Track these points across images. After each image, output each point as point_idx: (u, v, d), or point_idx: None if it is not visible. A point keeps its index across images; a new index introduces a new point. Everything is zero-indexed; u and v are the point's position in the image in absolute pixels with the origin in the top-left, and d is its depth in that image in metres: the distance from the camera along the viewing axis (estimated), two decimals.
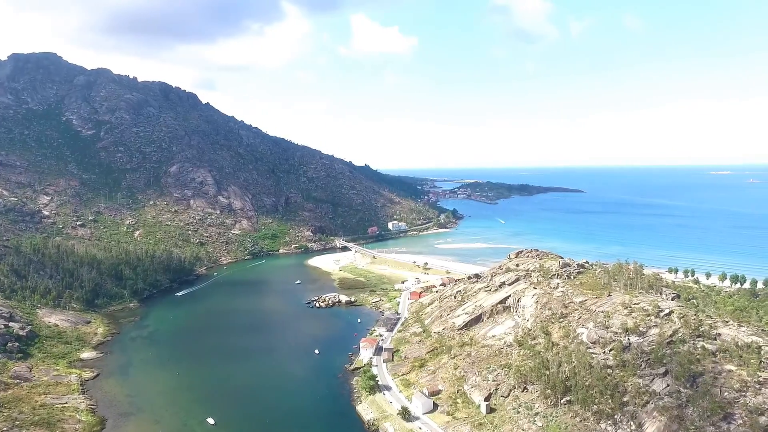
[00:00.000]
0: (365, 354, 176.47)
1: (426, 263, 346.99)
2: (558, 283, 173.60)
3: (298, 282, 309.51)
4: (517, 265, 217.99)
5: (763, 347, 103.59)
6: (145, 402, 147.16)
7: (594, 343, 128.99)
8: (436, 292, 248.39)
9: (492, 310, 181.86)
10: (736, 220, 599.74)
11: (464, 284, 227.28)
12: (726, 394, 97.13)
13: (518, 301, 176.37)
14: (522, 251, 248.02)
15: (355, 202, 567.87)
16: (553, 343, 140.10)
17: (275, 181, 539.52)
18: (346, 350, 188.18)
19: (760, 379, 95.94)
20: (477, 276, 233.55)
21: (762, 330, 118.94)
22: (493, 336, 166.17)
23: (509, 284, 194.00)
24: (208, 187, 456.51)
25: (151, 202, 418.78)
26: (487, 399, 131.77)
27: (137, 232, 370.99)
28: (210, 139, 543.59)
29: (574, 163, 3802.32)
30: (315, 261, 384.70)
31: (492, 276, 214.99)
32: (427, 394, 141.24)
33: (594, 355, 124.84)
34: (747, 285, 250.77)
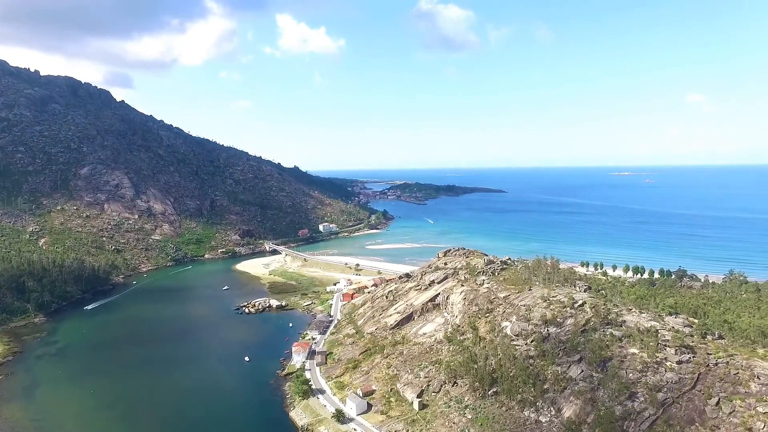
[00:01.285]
0: (298, 358, 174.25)
1: (358, 264, 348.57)
2: (484, 280, 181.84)
3: (225, 288, 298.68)
4: (446, 264, 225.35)
5: (660, 331, 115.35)
6: (55, 426, 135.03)
7: (517, 335, 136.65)
8: (368, 293, 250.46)
9: (423, 309, 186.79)
10: (635, 216, 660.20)
11: (395, 284, 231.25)
12: (630, 375, 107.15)
13: (447, 298, 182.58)
14: (450, 250, 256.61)
15: (285, 204, 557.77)
16: (480, 337, 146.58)
17: (199, 183, 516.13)
18: (277, 356, 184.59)
19: (658, 359, 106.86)
20: (408, 275, 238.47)
21: (659, 315, 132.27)
22: (424, 334, 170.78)
23: (438, 282, 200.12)
24: (124, 190, 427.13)
25: (59, 207, 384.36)
26: (419, 396, 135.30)
27: (42, 240, 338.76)
28: (126, 139, 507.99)
29: (497, 164, 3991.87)
30: (243, 266, 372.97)
31: (422, 275, 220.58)
32: (360, 394, 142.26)
33: (517, 347, 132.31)
34: (646, 275, 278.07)
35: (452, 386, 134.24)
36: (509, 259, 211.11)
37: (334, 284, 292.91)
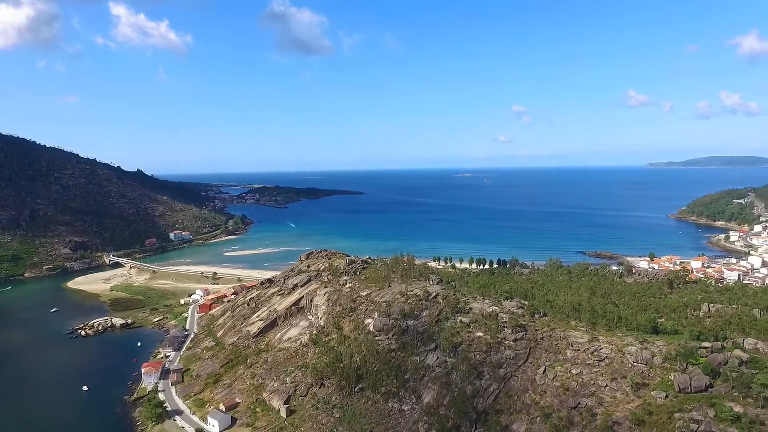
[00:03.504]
0: (149, 380, 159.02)
1: (215, 273, 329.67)
2: (346, 280, 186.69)
3: (54, 309, 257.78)
4: (309, 267, 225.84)
5: (499, 314, 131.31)
6: None
7: (379, 330, 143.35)
8: (228, 301, 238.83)
9: (287, 313, 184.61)
10: (476, 213, 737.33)
11: (257, 290, 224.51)
12: (477, 356, 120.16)
13: (311, 301, 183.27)
14: (312, 252, 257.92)
15: (127, 211, 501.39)
16: (344, 336, 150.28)
17: (15, 190, 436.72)
18: (124, 380, 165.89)
19: (498, 339, 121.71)
20: (270, 281, 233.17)
21: (498, 300, 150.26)
22: (289, 338, 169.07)
23: (302, 285, 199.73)
24: None
25: None
26: (286, 402, 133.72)
27: None
28: None
29: (356, 167, 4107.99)
30: (77, 282, 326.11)
31: (285, 279, 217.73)
32: (223, 409, 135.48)
33: (380, 342, 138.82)
34: (487, 266, 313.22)
35: (319, 388, 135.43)
36: (369, 258, 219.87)
37: (189, 296, 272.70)
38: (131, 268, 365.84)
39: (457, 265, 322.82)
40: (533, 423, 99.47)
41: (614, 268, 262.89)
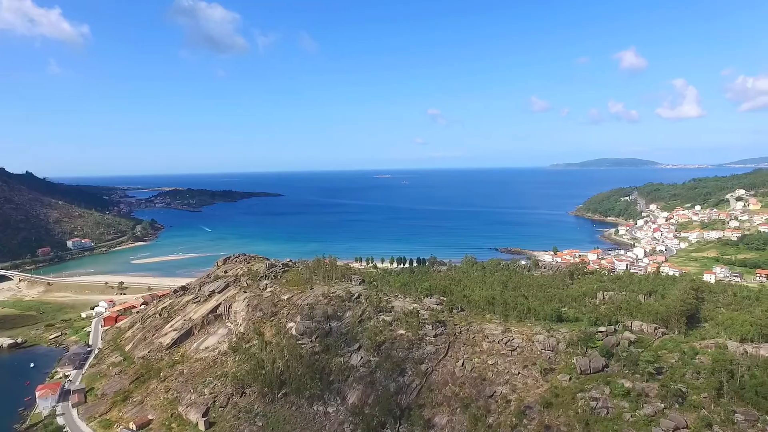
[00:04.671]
0: (44, 404, 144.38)
1: (122, 282, 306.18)
2: (266, 284, 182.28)
3: None
4: (226, 272, 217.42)
5: (420, 311, 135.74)
6: None
7: (302, 334, 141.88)
8: (137, 312, 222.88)
9: (203, 321, 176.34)
10: (395, 213, 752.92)
11: (170, 299, 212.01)
12: (400, 353, 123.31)
13: (230, 307, 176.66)
14: (230, 257, 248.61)
15: (15, 218, 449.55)
16: (266, 342, 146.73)
17: None
18: (14, 407, 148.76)
19: (420, 335, 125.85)
20: (184, 288, 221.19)
21: (418, 298, 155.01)
22: (207, 348, 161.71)
23: (219, 292, 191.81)
24: None
25: None
26: (205, 414, 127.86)
27: None
28: None
29: (274, 168, 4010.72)
30: None
31: (200, 286, 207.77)
32: (134, 428, 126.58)
33: (303, 346, 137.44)
34: (407, 265, 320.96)
35: (240, 397, 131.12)
36: (290, 261, 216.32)
37: (92, 308, 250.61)
38: (21, 281, 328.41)
39: (379, 264, 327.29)
40: (454, 414, 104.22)
41: (523, 262, 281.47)
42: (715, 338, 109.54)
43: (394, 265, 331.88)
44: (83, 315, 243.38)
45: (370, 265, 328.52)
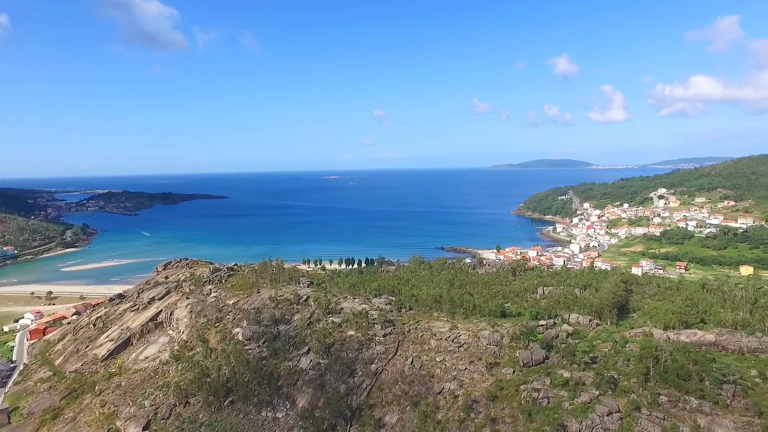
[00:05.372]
0: None
1: (50, 292, 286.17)
2: (211, 289, 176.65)
3: None
4: (167, 278, 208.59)
5: (369, 312, 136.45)
6: None
7: (249, 339, 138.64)
8: (69, 323, 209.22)
9: (143, 330, 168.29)
10: (343, 214, 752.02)
11: (105, 308, 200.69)
12: (350, 354, 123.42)
13: (171, 314, 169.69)
14: (171, 262, 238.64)
15: None
16: (211, 349, 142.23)
17: None
18: None
19: (369, 336, 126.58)
20: (121, 296, 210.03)
21: (367, 298, 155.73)
22: (147, 357, 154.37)
23: (159, 299, 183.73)
24: None
25: None
26: (145, 428, 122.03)
27: None
28: None
29: (218, 170, 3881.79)
30: None
31: (139, 293, 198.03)
32: None
33: (250, 351, 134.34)
34: (356, 266, 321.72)
35: (184, 407, 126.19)
36: (236, 264, 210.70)
37: (16, 321, 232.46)
38: None
39: (327, 266, 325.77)
40: (404, 412, 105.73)
41: (468, 261, 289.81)
42: (642, 327, 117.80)
43: (343, 266, 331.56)
44: (6, 329, 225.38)
45: (319, 267, 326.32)
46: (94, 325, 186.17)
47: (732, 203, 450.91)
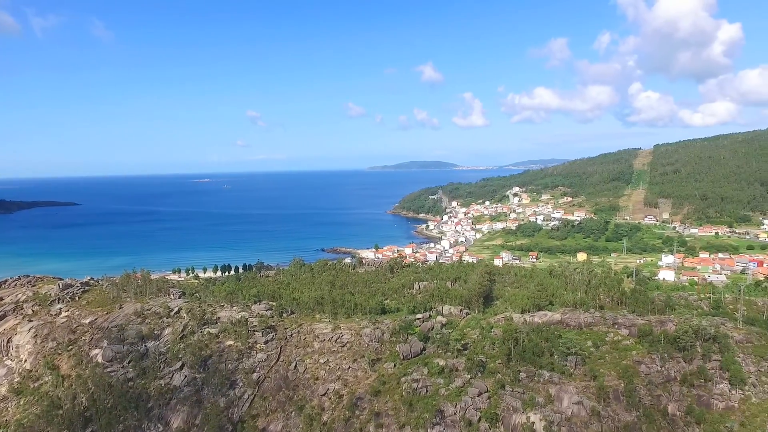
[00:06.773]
0: None
1: None
2: (61, 308, 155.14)
3: None
4: (2, 299, 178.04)
5: (249, 319, 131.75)
6: None
7: (111, 360, 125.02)
8: None
9: None
10: (216, 219, 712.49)
11: None
12: (229, 365, 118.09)
13: (9, 341, 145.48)
14: (6, 281, 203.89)
15: None
16: (63, 376, 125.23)
17: None
18: None
19: (250, 344, 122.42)
20: None
21: (246, 305, 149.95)
22: None
23: None
24: None
25: None
26: None
27: None
28: None
29: (65, 173, 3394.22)
30: None
31: None
32: None
33: (113, 373, 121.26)
34: (233, 272, 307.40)
35: None
36: (91, 279, 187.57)
37: None
38: None
39: (201, 274, 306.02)
40: (289, 419, 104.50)
41: (348, 261, 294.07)
42: (504, 312, 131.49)
43: (219, 273, 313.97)
44: None
45: (192, 275, 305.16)
46: None
47: (570, 199, 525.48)
